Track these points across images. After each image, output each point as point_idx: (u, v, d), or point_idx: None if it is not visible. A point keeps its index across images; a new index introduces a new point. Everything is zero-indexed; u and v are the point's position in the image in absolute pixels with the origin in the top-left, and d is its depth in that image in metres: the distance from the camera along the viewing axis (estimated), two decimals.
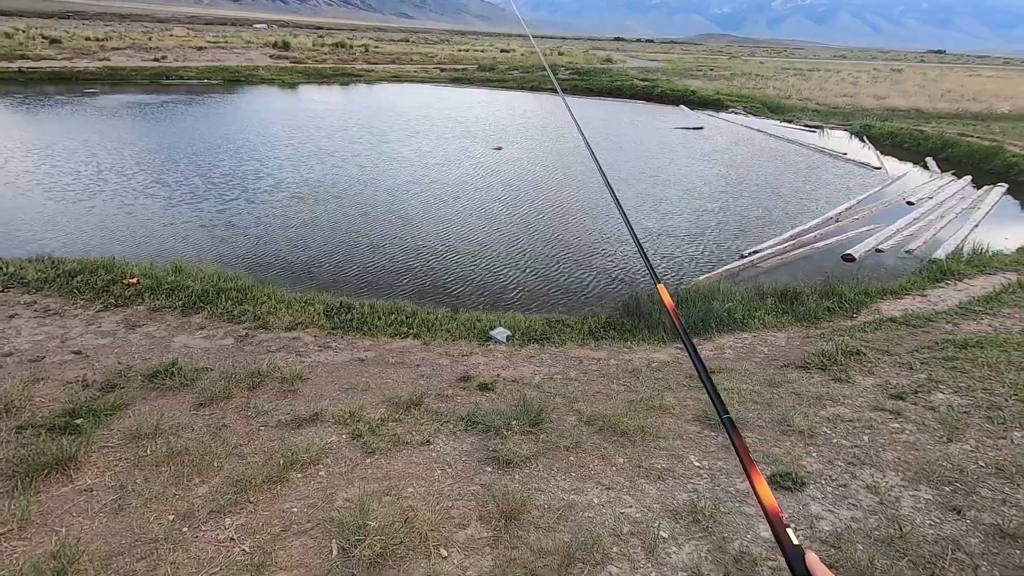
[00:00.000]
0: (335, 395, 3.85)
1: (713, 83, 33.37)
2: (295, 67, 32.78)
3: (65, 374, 4.05)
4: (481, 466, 3.01)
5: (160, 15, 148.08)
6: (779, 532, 0.73)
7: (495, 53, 53.84)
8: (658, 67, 46.50)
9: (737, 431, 0.89)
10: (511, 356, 4.63)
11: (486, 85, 31.91)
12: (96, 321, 4.92)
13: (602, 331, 5.16)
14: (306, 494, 2.81)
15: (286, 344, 4.69)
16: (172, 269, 5.93)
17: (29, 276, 5.57)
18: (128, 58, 30.55)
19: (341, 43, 49.45)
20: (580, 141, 9.92)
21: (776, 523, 0.74)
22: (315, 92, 26.00)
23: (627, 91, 28.94)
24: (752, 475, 0.80)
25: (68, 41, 34.18)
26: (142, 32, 49.85)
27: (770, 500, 0.76)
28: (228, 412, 3.56)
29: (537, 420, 3.36)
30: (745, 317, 5.36)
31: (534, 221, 9.27)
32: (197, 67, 29.43)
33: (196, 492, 2.83)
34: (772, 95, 28.04)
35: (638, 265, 7.59)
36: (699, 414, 3.47)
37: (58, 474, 2.94)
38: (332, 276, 6.84)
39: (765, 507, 0.75)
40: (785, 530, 0.73)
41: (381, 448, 3.17)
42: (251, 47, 40.66)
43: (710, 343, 4.98)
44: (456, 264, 7.37)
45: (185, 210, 8.94)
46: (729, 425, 0.90)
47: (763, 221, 9.73)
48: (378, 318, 5.16)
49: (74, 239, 7.57)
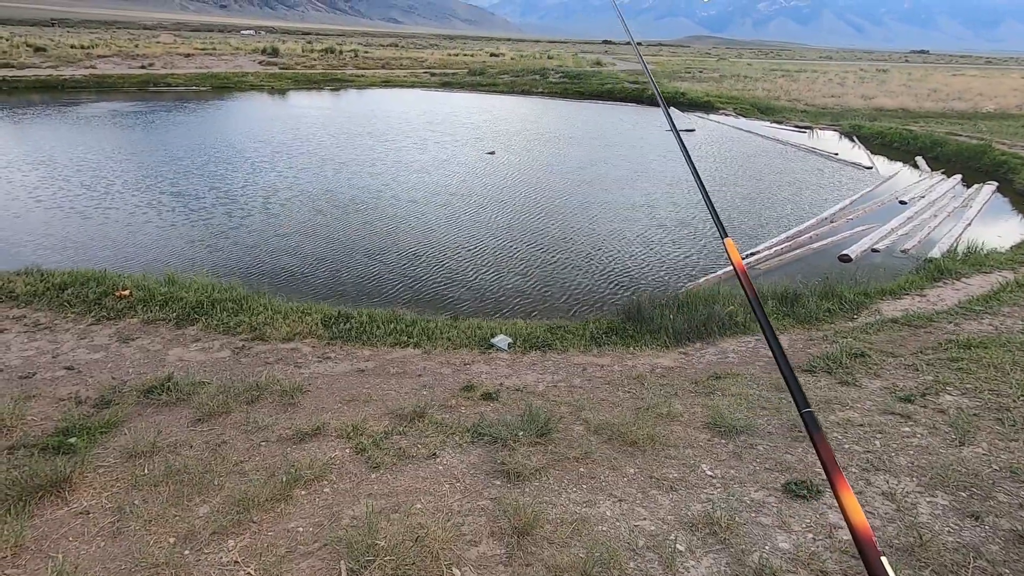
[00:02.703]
0: (336, 408, 3.77)
1: (702, 85, 33.55)
2: (284, 73, 32.60)
3: (57, 391, 3.94)
4: (490, 479, 2.94)
5: (146, 22, 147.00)
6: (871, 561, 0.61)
7: (484, 57, 53.89)
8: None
9: (820, 430, 0.73)
10: (513, 364, 4.57)
11: (476, 89, 31.88)
12: (88, 335, 4.81)
13: (604, 337, 5.11)
14: (311, 512, 2.73)
15: (284, 355, 4.61)
16: (165, 280, 5.82)
17: (18, 289, 5.44)
18: (115, 66, 30.24)
19: (330, 48, 49.32)
20: (568, 144, 9.95)
21: (868, 549, 0.62)
22: (304, 98, 25.84)
23: (618, 94, 29.01)
24: (839, 486, 0.67)
25: (53, 49, 33.79)
26: (128, 39, 49.41)
27: (860, 519, 0.63)
28: (227, 428, 3.47)
29: (544, 430, 3.30)
30: (747, 320, 5.33)
31: (529, 226, 9.22)
32: (185, 74, 29.18)
33: (197, 512, 2.74)
34: (761, 96, 28.24)
35: (635, 269, 7.56)
36: (708, 421, 3.42)
37: (53, 496, 2.84)
38: (328, 285, 6.75)
39: (855, 529, 0.63)
40: (879, 559, 0.61)
41: (386, 463, 3.09)
42: (239, 53, 40.41)
43: (713, 347, 4.94)
44: (453, 270, 7.30)
45: (177, 219, 8.81)
46: (810, 421, 0.74)
47: (759, 223, 9.75)
48: (377, 327, 5.08)
49: (63, 250, 7.42)
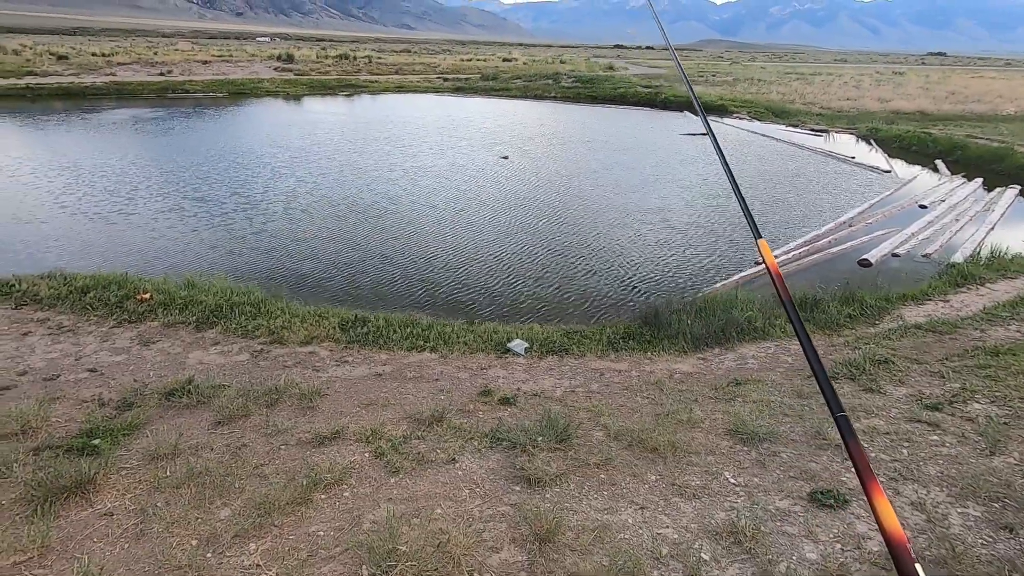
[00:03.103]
0: (355, 411, 3.77)
1: (716, 88, 33.39)
2: (299, 79, 32.99)
3: (81, 392, 3.99)
4: (509, 485, 2.93)
5: (165, 30, 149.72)
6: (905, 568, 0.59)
7: (497, 62, 54.13)
8: (660, 73, 46.61)
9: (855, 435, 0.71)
10: (530, 369, 4.55)
11: (489, 94, 32.01)
12: (110, 338, 4.87)
13: (621, 341, 5.07)
14: (331, 516, 2.73)
15: (302, 359, 4.63)
16: (184, 284, 5.88)
17: (42, 293, 5.53)
18: (134, 73, 30.81)
19: (344, 55, 49.84)
20: (583, 148, 9.89)
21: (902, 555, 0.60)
22: (319, 104, 26.12)
23: (631, 98, 28.98)
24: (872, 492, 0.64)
25: (75, 57, 34.53)
26: (147, 47, 50.33)
27: (894, 525, 0.62)
28: (247, 431, 3.49)
29: (564, 436, 3.28)
30: (766, 325, 5.27)
31: (544, 230, 9.21)
32: (202, 80, 29.65)
33: (218, 515, 2.75)
34: (776, 99, 28.03)
35: (652, 272, 7.51)
36: (730, 428, 3.37)
37: (77, 497, 2.87)
38: (345, 289, 6.79)
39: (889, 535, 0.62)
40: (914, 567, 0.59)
41: (405, 467, 3.09)
42: (255, 60, 41.00)
43: (732, 352, 4.88)
44: (468, 274, 7.30)
45: (198, 224, 8.92)
46: (844, 426, 0.72)
47: (776, 227, 9.65)
48: (394, 331, 5.09)
49: (86, 255, 7.55)
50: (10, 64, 29.60)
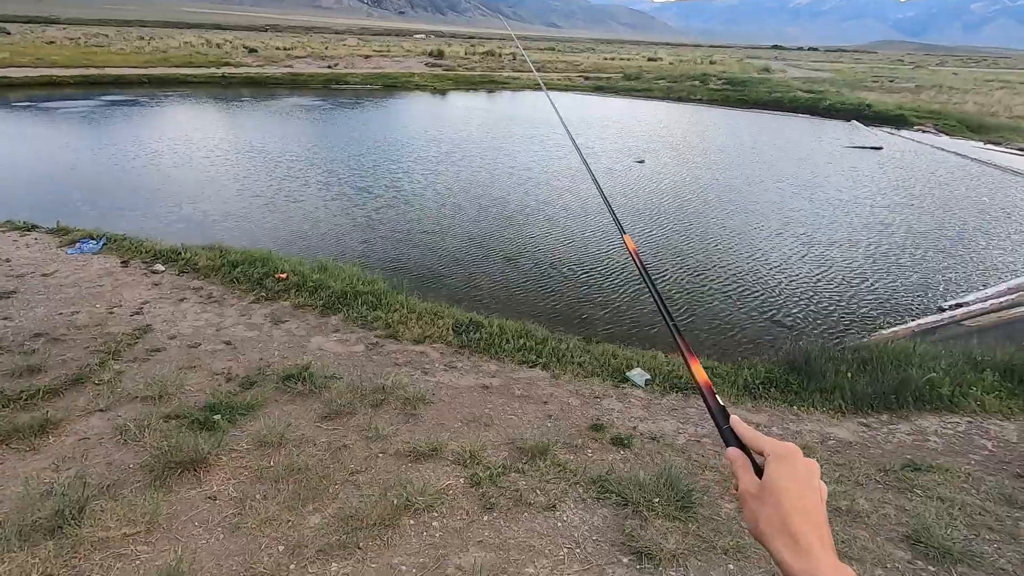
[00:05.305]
0: (456, 427, 3.57)
1: (893, 96, 29.26)
2: (446, 74, 34.51)
3: (214, 364, 4.24)
4: (615, 554, 2.51)
5: (338, 27, 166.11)
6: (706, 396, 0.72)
7: (641, 62, 52.45)
8: (824, 77, 41.98)
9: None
10: (649, 406, 4.05)
11: (631, 94, 31.00)
12: (248, 312, 5.19)
13: (760, 388, 4.36)
14: (417, 549, 2.52)
15: (413, 358, 4.56)
16: (318, 267, 6.15)
17: (200, 263, 6.09)
18: (307, 65, 34.29)
19: (491, 52, 51.39)
20: (727, 155, 8.85)
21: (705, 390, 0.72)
22: (464, 99, 27.05)
23: (788, 103, 26.34)
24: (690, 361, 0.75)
25: (263, 51, 39.28)
26: (321, 42, 55.92)
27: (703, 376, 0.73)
28: (350, 431, 3.44)
29: (686, 502, 2.78)
30: (955, 393, 4.24)
31: (675, 244, 8.49)
32: (361, 73, 32.16)
33: (308, 522, 2.67)
34: (972, 111, 23.83)
35: (801, 306, 6.54)
36: (908, 533, 2.64)
37: (190, 474, 2.96)
38: (464, 287, 6.72)
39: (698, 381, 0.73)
40: (713, 395, 0.72)
41: (501, 504, 2.80)
42: (410, 55, 43.69)
43: (905, 423, 3.97)
44: (590, 286, 6.89)
45: (339, 208, 9.47)
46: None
47: (965, 266, 8.00)
48: (506, 340, 4.85)
49: (239, 229, 8.30)
50: (212, 56, 34.46)
